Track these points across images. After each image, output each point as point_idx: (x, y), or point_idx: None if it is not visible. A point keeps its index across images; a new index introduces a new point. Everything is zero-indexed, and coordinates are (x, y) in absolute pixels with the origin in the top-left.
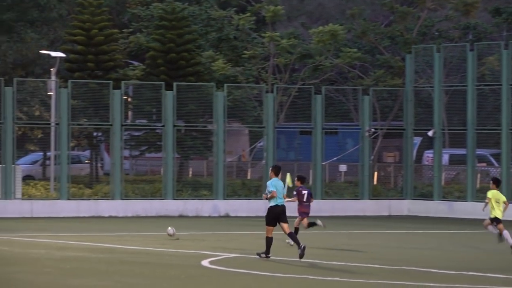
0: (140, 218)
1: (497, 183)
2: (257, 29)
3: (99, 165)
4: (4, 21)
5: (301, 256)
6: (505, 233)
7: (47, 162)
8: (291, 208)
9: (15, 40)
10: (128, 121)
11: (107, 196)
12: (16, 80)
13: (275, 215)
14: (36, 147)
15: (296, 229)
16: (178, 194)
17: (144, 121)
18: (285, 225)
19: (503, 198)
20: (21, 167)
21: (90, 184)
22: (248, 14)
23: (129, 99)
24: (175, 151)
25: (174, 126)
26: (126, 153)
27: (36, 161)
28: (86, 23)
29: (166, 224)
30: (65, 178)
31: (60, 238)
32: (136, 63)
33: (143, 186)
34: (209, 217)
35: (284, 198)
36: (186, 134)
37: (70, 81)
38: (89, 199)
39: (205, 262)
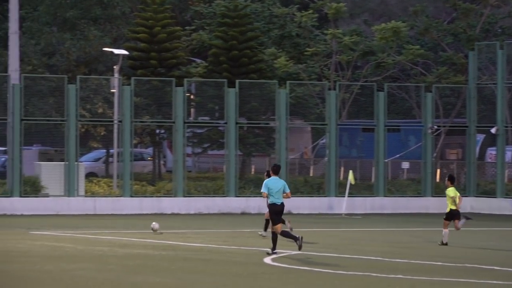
0: (202, 215)
1: (452, 180)
2: (319, 26)
3: (161, 162)
4: (68, 18)
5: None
6: (445, 232)
7: (110, 159)
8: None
9: (79, 38)
10: (191, 119)
11: (169, 194)
12: (80, 78)
13: (277, 212)
14: (99, 145)
15: (267, 221)
16: (241, 192)
17: (207, 118)
18: (279, 225)
19: (458, 194)
20: (84, 164)
21: (153, 182)
22: (311, 11)
23: (192, 97)
24: (237, 149)
25: (237, 123)
26: (189, 150)
27: (99, 159)
28: (149, 21)
29: (228, 222)
30: (128, 176)
31: (123, 235)
32: (198, 61)
33: (205, 183)
34: None
35: (288, 196)
36: (249, 131)
37: (133, 78)
38: (152, 197)
39: (267, 260)
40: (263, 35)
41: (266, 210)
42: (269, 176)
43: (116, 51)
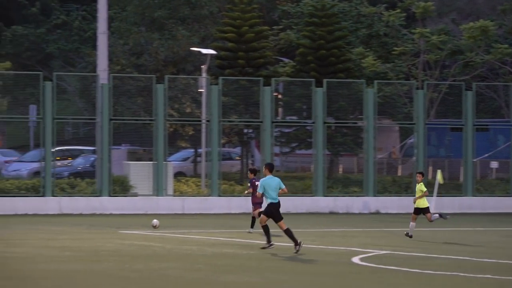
0: (291, 214)
1: (422, 175)
2: (407, 26)
3: (249, 161)
4: (156, 18)
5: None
6: (412, 225)
7: (198, 158)
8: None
9: (167, 38)
10: (279, 118)
11: None
12: (168, 77)
13: (277, 209)
14: (187, 144)
15: (253, 219)
16: (329, 191)
17: (294, 118)
18: (281, 222)
19: (425, 189)
20: (173, 164)
21: (241, 181)
22: (398, 10)
23: (280, 96)
24: (325, 148)
25: (324, 122)
26: (277, 150)
27: (187, 158)
28: (236, 20)
29: (316, 221)
30: (216, 175)
31: (212, 234)
32: (286, 60)
33: (293, 182)
34: (360, 213)
35: (285, 192)
36: (336, 130)
37: (220, 78)
38: (240, 196)
39: (355, 259)
40: (350, 34)
41: (355, 210)
42: (254, 174)
43: (204, 50)
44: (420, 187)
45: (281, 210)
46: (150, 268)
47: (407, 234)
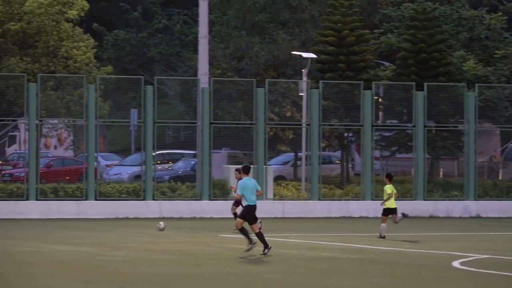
0: (390, 218)
1: (389, 178)
2: (508, 29)
3: (349, 165)
4: (257, 22)
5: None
6: (383, 226)
7: (298, 162)
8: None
9: (267, 42)
10: (379, 122)
11: (357, 197)
12: (268, 81)
13: (253, 212)
14: (287, 148)
15: (235, 214)
16: (429, 195)
17: (395, 121)
18: (254, 225)
19: (395, 191)
20: (273, 167)
21: (341, 185)
22: (500, 13)
23: (380, 100)
24: (425, 152)
25: (425, 126)
26: (377, 153)
27: (288, 162)
28: (337, 24)
29: (416, 225)
30: (316, 179)
31: (311, 238)
32: (386, 64)
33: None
34: (460, 217)
35: (260, 193)
36: (437, 134)
37: (321, 81)
38: (340, 200)
39: (455, 263)
40: (451, 37)
41: (455, 213)
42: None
43: (305, 54)
44: (387, 189)
45: (379, 213)
46: (250, 271)
47: (380, 236)
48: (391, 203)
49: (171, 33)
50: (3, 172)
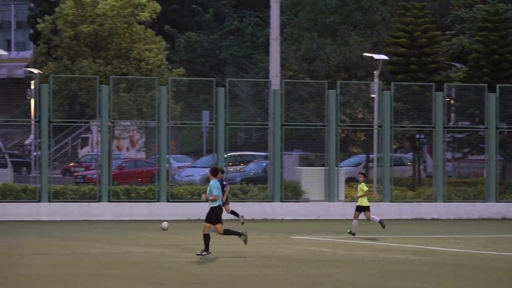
0: (462, 220)
1: (364, 176)
2: None
3: (421, 167)
4: (328, 24)
5: (245, 242)
6: (354, 222)
7: (370, 164)
8: None
9: (339, 43)
10: (451, 123)
11: (429, 199)
12: (340, 83)
13: (220, 212)
14: (359, 150)
15: (233, 212)
16: (501, 197)
17: (467, 123)
18: (219, 226)
19: (367, 189)
20: (344, 169)
21: (413, 186)
22: None
23: (452, 101)
24: (498, 153)
25: (497, 128)
26: (449, 155)
27: (359, 164)
28: (409, 26)
29: (488, 227)
30: (388, 180)
31: (383, 240)
32: (458, 65)
33: (465, 188)
34: None
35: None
36: (509, 136)
37: (392, 83)
38: (412, 201)
39: None
40: None
41: None
42: (222, 173)
43: (376, 56)
44: (362, 186)
45: (451, 215)
46: (322, 273)
47: (350, 232)
48: (365, 202)
49: (243, 35)
50: (76, 174)
